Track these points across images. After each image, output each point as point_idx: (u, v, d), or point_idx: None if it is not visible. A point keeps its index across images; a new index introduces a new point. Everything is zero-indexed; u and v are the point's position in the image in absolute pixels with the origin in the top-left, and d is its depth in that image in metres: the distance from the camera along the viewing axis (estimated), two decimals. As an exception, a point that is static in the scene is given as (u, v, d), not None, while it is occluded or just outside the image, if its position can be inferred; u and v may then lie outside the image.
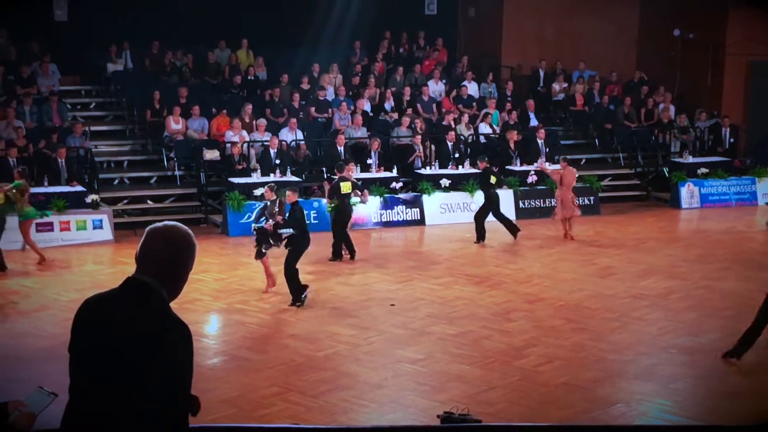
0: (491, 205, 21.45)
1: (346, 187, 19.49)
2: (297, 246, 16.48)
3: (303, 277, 17.99)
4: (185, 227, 4.71)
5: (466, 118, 26.58)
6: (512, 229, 21.51)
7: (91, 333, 4.61)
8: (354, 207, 20.31)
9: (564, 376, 12.93)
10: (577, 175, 22.31)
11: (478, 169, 22.25)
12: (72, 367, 4.68)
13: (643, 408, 11.94)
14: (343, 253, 19.54)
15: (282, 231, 16.61)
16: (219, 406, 11.03)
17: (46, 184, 21.18)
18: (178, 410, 4.53)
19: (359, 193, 19.92)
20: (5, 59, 25.61)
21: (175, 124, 24.32)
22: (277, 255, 16.84)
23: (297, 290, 16.22)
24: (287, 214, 16.68)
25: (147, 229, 4.69)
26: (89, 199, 21.15)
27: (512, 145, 25.45)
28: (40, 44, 26.19)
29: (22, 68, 25.13)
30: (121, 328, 4.51)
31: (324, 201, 21.70)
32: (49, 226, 20.22)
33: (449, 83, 28.72)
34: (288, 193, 16.96)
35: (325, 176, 23.30)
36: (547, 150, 25.64)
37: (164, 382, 4.43)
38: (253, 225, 17.51)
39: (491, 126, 26.85)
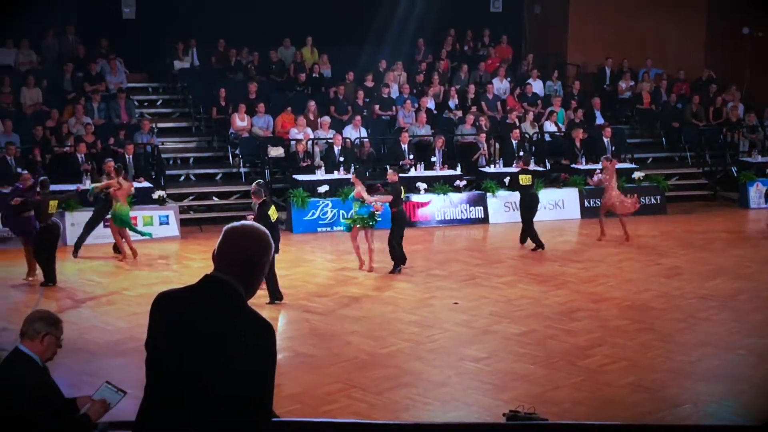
0: (523, 206, 20.70)
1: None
2: None
3: (365, 274, 18.06)
4: (262, 227, 4.70)
5: (530, 116, 26.42)
6: (524, 236, 20.61)
7: (170, 330, 4.55)
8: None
9: (630, 377, 12.78)
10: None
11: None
12: (148, 364, 4.62)
13: (710, 409, 11.78)
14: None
15: None
16: (283, 402, 11.05)
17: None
18: (260, 411, 4.46)
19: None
20: (74, 56, 25.97)
21: (240, 122, 24.47)
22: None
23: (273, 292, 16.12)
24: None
25: (224, 228, 4.68)
26: (156, 195, 21.37)
27: (578, 144, 25.25)
28: (109, 42, 26.53)
29: (90, 65, 25.46)
30: (201, 326, 4.46)
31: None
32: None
33: (514, 81, 28.58)
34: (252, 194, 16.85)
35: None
36: (614, 148, 25.39)
37: (245, 382, 4.37)
38: None
39: (556, 124, 26.67)
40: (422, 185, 22.88)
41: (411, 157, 23.96)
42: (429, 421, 11.06)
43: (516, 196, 21.49)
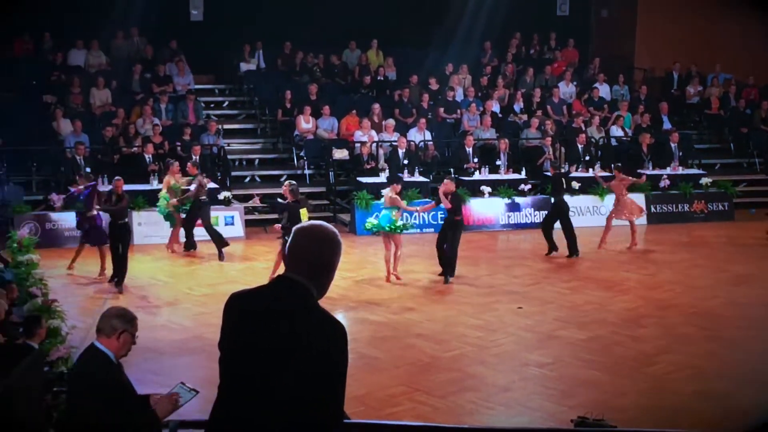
0: (558, 214, 20.24)
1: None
2: None
3: (429, 277, 18.02)
4: (331, 226, 4.72)
5: (596, 120, 26.24)
6: (572, 247, 20.06)
7: (242, 330, 4.58)
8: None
9: (696, 385, 12.62)
10: (626, 184, 21.13)
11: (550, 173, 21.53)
12: (222, 364, 4.66)
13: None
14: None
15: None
16: (348, 403, 10.97)
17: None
18: (331, 411, 4.48)
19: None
20: (142, 58, 26.25)
21: (305, 124, 24.59)
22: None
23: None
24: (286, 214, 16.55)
25: (294, 228, 4.70)
26: (222, 195, 21.51)
27: (645, 149, 25.02)
28: (176, 43, 26.80)
29: (158, 67, 25.72)
30: (273, 327, 4.48)
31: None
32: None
33: (580, 85, 28.40)
34: (283, 189, 16.97)
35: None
36: (681, 154, 25.14)
37: (316, 382, 4.39)
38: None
39: (623, 129, 26.45)
40: (486, 188, 22.82)
41: (475, 160, 23.91)
42: (492, 425, 11.02)
43: (577, 201, 21.38)
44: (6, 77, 25.28)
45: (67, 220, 20.27)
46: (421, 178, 22.86)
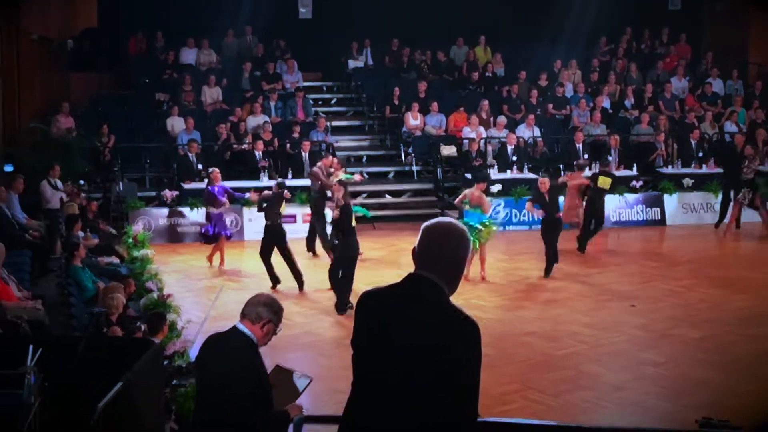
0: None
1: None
2: (339, 252, 15.90)
3: (539, 274, 17.84)
4: (460, 224, 4.70)
5: (710, 116, 25.74)
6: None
7: (376, 328, 4.59)
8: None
9: (816, 386, 12.31)
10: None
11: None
12: (356, 362, 4.67)
13: None
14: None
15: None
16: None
17: (290, 177, 21.60)
18: (465, 408, 4.47)
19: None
20: (252, 56, 26.56)
21: (413, 120, 24.60)
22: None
23: (340, 297, 15.50)
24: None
25: (423, 226, 4.70)
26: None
27: (761, 144, 24.44)
28: (285, 41, 27.06)
29: (268, 64, 25.98)
30: (406, 324, 4.48)
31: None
32: (291, 218, 20.69)
33: (693, 80, 27.88)
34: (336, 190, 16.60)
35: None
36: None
37: (451, 379, 4.38)
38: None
39: (737, 124, 25.90)
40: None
41: (586, 156, 23.61)
42: (608, 425, 10.87)
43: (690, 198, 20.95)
44: (120, 75, 25.90)
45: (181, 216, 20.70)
46: (531, 175, 22.65)
